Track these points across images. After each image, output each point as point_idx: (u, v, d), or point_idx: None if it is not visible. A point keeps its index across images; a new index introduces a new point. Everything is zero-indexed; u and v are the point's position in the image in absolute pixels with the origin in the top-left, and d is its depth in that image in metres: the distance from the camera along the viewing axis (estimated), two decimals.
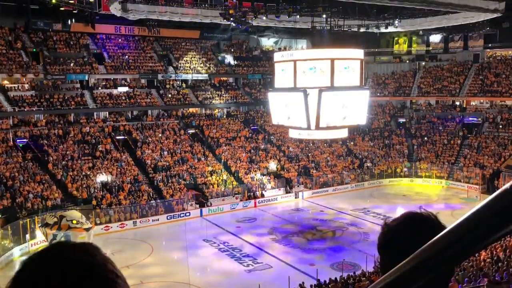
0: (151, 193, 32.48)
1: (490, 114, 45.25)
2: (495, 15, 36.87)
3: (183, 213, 31.57)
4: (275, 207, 34.26)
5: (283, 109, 24.10)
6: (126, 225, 29.45)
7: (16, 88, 37.71)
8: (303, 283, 18.14)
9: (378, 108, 50.64)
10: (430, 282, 1.00)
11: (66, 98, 38.27)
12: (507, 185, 0.90)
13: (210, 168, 36.66)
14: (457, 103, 48.74)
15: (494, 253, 17.27)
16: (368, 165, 41.94)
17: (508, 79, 45.74)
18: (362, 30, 41.31)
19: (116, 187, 31.84)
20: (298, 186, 37.67)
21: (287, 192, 36.60)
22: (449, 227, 1.00)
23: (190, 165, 36.35)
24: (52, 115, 37.50)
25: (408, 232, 1.22)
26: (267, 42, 55.80)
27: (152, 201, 31.71)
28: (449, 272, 1.16)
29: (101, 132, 37.54)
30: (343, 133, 25.62)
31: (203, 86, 46.90)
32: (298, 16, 37.19)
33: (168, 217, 30.98)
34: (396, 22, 40.43)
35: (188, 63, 47.52)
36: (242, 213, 32.96)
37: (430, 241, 1.00)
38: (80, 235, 23.06)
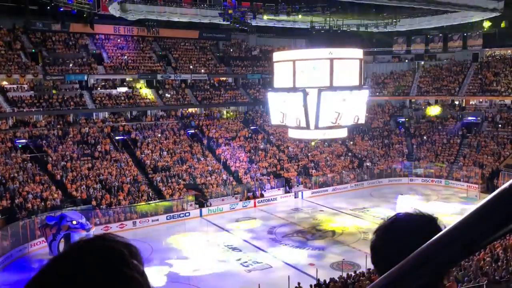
0: (150, 193, 32.47)
1: (489, 113, 45.27)
2: (494, 14, 36.89)
3: (183, 213, 31.55)
4: (275, 207, 34.25)
5: (282, 109, 24.10)
6: (126, 225, 29.43)
7: (15, 88, 37.69)
8: (299, 283, 18.14)
9: (378, 107, 50.66)
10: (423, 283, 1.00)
11: (65, 98, 38.24)
12: (506, 184, 0.90)
13: (209, 168, 36.66)
14: (456, 102, 48.77)
15: (494, 252, 17.29)
16: (368, 164, 41.96)
17: (507, 78, 45.75)
18: (361, 29, 41.34)
19: (116, 188, 31.82)
20: (297, 185, 37.69)
21: (286, 192, 36.61)
22: (449, 226, 1.00)
23: (189, 165, 36.34)
24: (51, 115, 37.50)
25: (396, 237, 1.22)
26: None
27: (151, 202, 31.71)
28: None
29: (100, 133, 37.53)
30: (343, 133, 25.63)
31: (202, 86, 46.89)
32: (299, 16, 37.20)
33: (168, 217, 30.97)
34: (395, 21, 40.47)
35: (187, 63, 47.51)
36: (242, 213, 32.96)
37: (430, 241, 1.00)
38: (80, 236, 23.06)
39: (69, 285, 0.85)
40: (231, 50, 52.51)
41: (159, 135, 39.38)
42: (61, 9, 39.21)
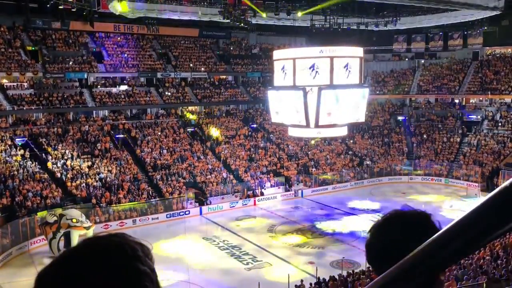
0: (150, 192, 32.47)
1: (489, 111, 45.26)
2: (494, 13, 36.82)
3: (183, 212, 31.58)
4: (275, 205, 34.27)
5: (282, 108, 24.10)
6: (126, 223, 29.44)
7: (15, 86, 37.66)
8: (302, 281, 18.17)
9: (378, 106, 50.63)
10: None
11: (65, 96, 38.23)
12: (506, 183, 0.90)
13: (209, 166, 36.65)
14: (457, 100, 48.73)
15: (494, 250, 17.30)
16: (368, 163, 41.96)
17: (507, 76, 45.72)
18: (361, 28, 41.28)
19: (116, 186, 31.82)
20: (297, 184, 37.69)
21: (286, 190, 36.62)
22: (449, 224, 1.00)
23: (189, 164, 36.34)
24: (51, 113, 37.48)
25: (390, 235, 1.22)
26: None
27: (151, 200, 31.72)
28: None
29: (100, 131, 37.52)
30: (343, 131, 25.63)
31: (202, 84, 46.86)
32: (299, 14, 37.10)
33: (168, 216, 30.99)
34: (395, 19, 40.41)
35: (187, 61, 47.47)
36: (242, 211, 32.98)
37: (429, 239, 1.00)
38: (80, 234, 23.09)
39: (82, 275, 0.86)
40: (231, 48, 52.46)
41: (159, 133, 39.38)
42: (61, 7, 39.09)
